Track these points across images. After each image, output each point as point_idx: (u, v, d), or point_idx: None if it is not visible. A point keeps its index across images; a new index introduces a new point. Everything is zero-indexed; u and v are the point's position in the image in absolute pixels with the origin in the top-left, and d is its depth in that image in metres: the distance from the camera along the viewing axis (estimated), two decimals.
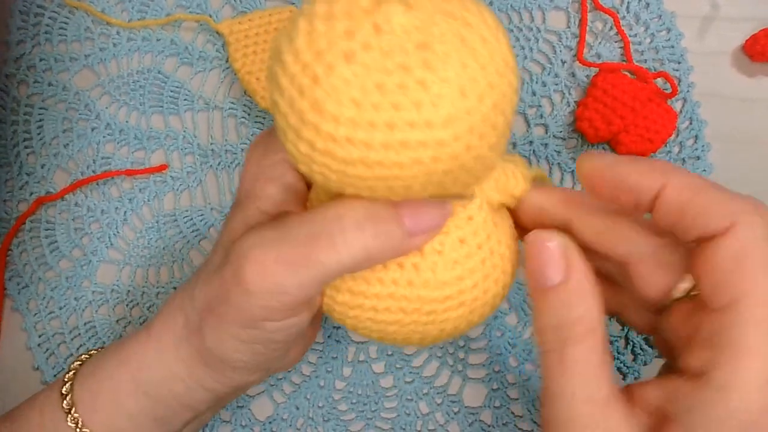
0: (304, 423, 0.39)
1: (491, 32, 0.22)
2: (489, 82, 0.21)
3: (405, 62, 0.20)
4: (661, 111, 0.40)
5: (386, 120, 0.20)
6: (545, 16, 0.43)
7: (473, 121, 0.21)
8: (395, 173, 0.21)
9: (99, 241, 0.41)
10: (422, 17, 0.20)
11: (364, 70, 0.20)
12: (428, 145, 0.21)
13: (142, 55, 0.43)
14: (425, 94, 0.20)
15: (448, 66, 0.20)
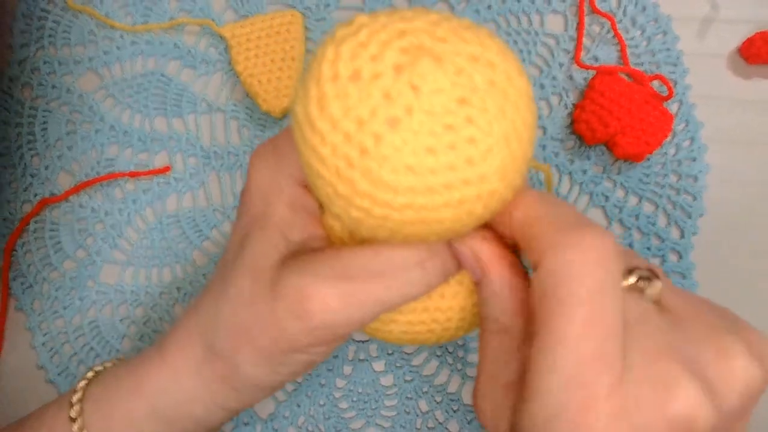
0: (305, 421, 0.40)
1: (511, 66, 0.22)
2: (523, 121, 0.21)
3: (450, 122, 0.20)
4: (658, 113, 0.40)
5: (443, 182, 0.20)
6: (543, 19, 0.44)
7: (518, 163, 0.22)
8: (447, 226, 0.22)
9: (103, 241, 0.42)
10: (452, 69, 0.20)
11: (413, 135, 0.20)
12: (482, 196, 0.21)
13: (146, 59, 0.44)
14: (476, 150, 0.20)
15: (489, 118, 0.20)
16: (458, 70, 0.20)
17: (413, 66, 0.20)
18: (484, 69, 0.21)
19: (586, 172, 0.42)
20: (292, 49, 0.42)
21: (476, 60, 0.21)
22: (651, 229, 0.41)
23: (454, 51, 0.21)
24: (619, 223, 0.41)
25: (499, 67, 0.21)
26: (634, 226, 0.41)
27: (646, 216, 0.41)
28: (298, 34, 0.43)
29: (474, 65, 0.21)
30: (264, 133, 0.43)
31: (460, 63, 0.20)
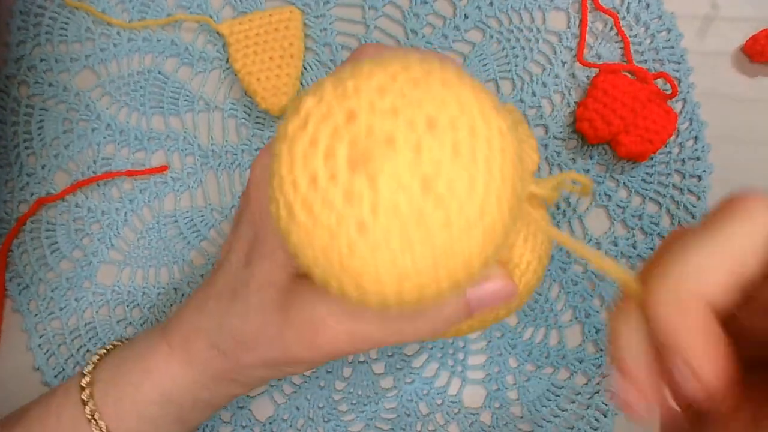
0: (305, 423, 0.39)
1: (475, 116, 0.20)
2: (501, 171, 0.20)
3: (418, 211, 0.19)
4: (661, 112, 0.40)
5: (428, 275, 0.20)
6: (545, 16, 0.43)
7: (507, 215, 0.20)
8: (445, 291, 0.21)
9: (99, 241, 0.41)
10: (408, 148, 0.19)
11: (383, 237, 0.19)
12: (472, 264, 0.20)
13: (143, 56, 0.43)
14: (452, 233, 0.19)
15: (460, 191, 0.19)
16: (415, 147, 0.19)
17: (366, 159, 0.19)
18: (443, 135, 0.19)
19: (588, 171, 0.42)
20: (291, 46, 0.42)
21: (434, 126, 0.19)
22: (654, 230, 0.41)
23: (407, 123, 0.19)
24: (622, 224, 0.41)
25: (460, 126, 0.19)
26: (638, 227, 0.41)
27: (650, 216, 0.41)
28: (296, 31, 0.42)
29: (432, 134, 0.19)
30: (263, 132, 0.42)
31: (415, 137, 0.19)
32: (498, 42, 0.43)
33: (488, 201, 0.19)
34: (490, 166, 0.19)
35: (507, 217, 0.20)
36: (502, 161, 0.20)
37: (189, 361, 0.30)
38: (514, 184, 0.20)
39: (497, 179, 0.19)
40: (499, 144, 0.20)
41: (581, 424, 0.39)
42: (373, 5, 0.43)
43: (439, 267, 0.20)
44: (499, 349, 0.40)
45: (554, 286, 0.40)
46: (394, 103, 0.19)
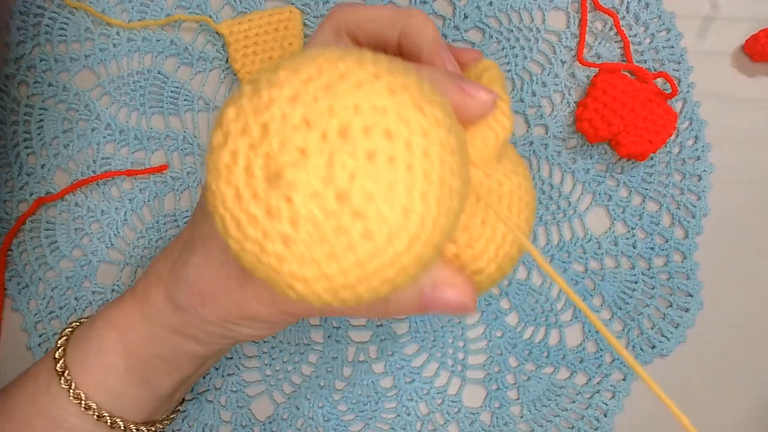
0: (304, 423, 0.39)
1: (390, 117, 0.19)
2: (425, 175, 0.19)
3: (336, 225, 0.19)
4: (661, 111, 0.40)
5: (357, 276, 0.20)
6: (545, 16, 0.43)
7: (439, 214, 0.20)
8: (387, 290, 0.21)
9: (99, 241, 0.41)
10: (321, 164, 0.19)
11: (306, 249, 0.19)
12: (408, 264, 0.20)
13: (142, 56, 0.43)
14: (375, 242, 0.19)
15: (377, 201, 0.19)
16: (327, 160, 0.19)
17: (279, 175, 0.19)
18: (356, 144, 0.19)
19: (588, 171, 0.41)
20: (291, 46, 0.42)
21: (346, 134, 0.19)
22: (654, 229, 0.41)
23: (319, 134, 0.19)
24: (622, 223, 0.41)
25: (374, 132, 0.19)
26: (638, 226, 0.41)
27: (650, 215, 0.41)
28: (296, 31, 0.42)
29: (345, 144, 0.19)
30: None
31: (327, 149, 0.19)
32: (498, 42, 0.43)
33: (411, 203, 0.19)
34: (410, 170, 0.19)
35: (438, 212, 0.20)
36: (425, 161, 0.19)
37: (148, 312, 0.30)
38: (444, 179, 0.20)
39: (419, 180, 0.19)
40: (420, 144, 0.19)
41: (581, 423, 0.39)
42: (373, 1, 0.43)
43: (368, 272, 0.20)
44: (499, 348, 0.40)
45: (554, 286, 0.40)
46: (306, 113, 0.19)
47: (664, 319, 0.40)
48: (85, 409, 0.30)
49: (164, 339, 0.30)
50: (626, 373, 0.40)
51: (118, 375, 0.31)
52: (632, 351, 0.40)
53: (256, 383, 0.40)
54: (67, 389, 0.30)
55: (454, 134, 0.21)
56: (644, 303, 0.40)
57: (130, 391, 0.31)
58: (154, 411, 0.33)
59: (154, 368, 0.31)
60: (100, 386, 0.31)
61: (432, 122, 0.20)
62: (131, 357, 0.30)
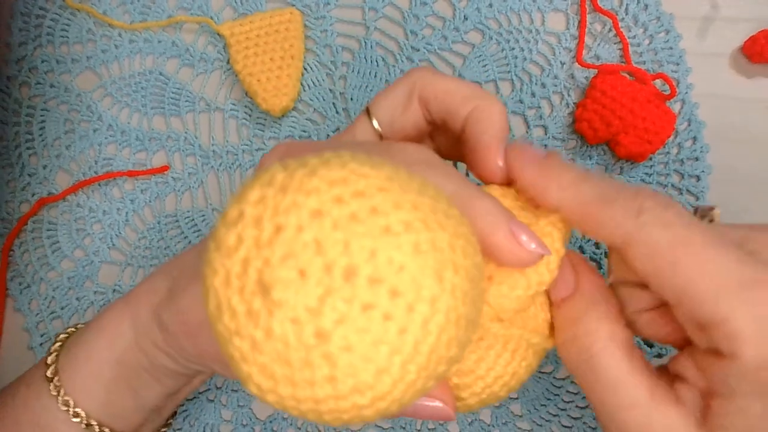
0: (305, 422, 0.40)
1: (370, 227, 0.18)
2: (404, 359, 0.18)
3: (307, 356, 0.18)
4: (660, 112, 0.40)
5: (302, 403, 0.19)
6: (544, 18, 0.43)
7: (404, 385, 0.19)
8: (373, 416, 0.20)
9: (101, 241, 0.41)
10: (314, 304, 0.18)
11: (272, 360, 0.18)
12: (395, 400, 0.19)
13: (144, 57, 0.44)
14: (334, 386, 0.18)
15: (355, 359, 0.18)
16: (322, 295, 0.18)
17: (270, 286, 0.18)
18: (356, 291, 0.18)
19: None
20: (292, 48, 0.42)
21: (351, 277, 0.18)
22: None
23: (325, 265, 0.18)
24: None
25: (379, 287, 0.18)
26: None
27: None
28: (297, 33, 0.43)
29: (346, 286, 0.18)
30: (263, 132, 0.43)
31: (326, 284, 0.18)
32: (497, 43, 0.43)
33: (388, 367, 0.18)
34: (401, 334, 0.18)
35: (415, 379, 0.19)
36: (420, 331, 0.18)
37: (136, 322, 0.30)
38: (435, 350, 0.19)
39: (407, 348, 0.18)
40: (422, 313, 0.18)
41: (579, 423, 0.39)
42: (373, 6, 0.44)
43: (320, 409, 0.19)
44: None
45: None
46: (320, 237, 0.18)
47: None
48: (73, 417, 0.30)
49: (147, 351, 0.30)
50: None
51: (106, 383, 0.30)
52: None
53: None
54: (56, 395, 0.30)
55: (468, 304, 0.19)
56: None
57: (117, 401, 0.31)
58: (142, 424, 0.32)
59: (138, 379, 0.31)
60: (88, 393, 0.30)
61: (446, 291, 0.18)
62: (118, 365, 0.30)
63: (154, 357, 0.30)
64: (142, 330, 0.30)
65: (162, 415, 0.33)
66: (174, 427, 0.40)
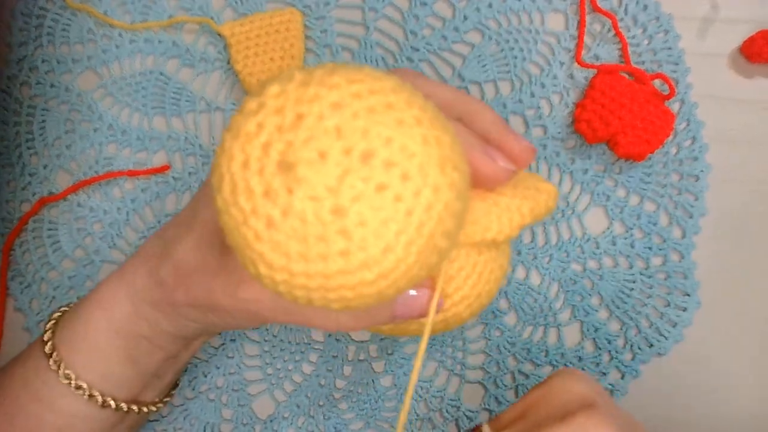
0: (305, 421, 0.40)
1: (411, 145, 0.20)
2: (407, 240, 0.20)
3: (324, 231, 0.19)
4: (659, 112, 0.40)
5: (313, 280, 0.20)
6: (544, 18, 0.44)
7: (405, 268, 0.20)
8: (365, 302, 0.21)
9: (101, 241, 0.42)
10: (333, 183, 0.19)
11: (287, 237, 0.20)
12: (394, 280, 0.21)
13: (145, 57, 0.44)
14: (347, 261, 0.20)
15: (368, 234, 0.19)
16: (341, 174, 0.19)
17: (292, 165, 0.19)
18: (372, 172, 0.19)
19: (587, 171, 0.42)
20: (292, 48, 0.42)
21: (368, 160, 0.19)
22: (652, 229, 0.41)
23: (344, 147, 0.19)
24: (620, 223, 0.41)
25: (394, 170, 0.20)
26: (636, 226, 0.41)
27: (648, 215, 0.41)
28: (297, 33, 0.43)
29: (363, 168, 0.19)
30: None
31: (345, 165, 0.19)
32: (497, 43, 0.43)
33: (394, 245, 0.20)
34: (408, 215, 0.20)
35: (414, 262, 0.20)
36: (424, 213, 0.20)
37: (132, 289, 0.31)
38: (433, 235, 0.20)
39: (411, 227, 0.20)
40: (427, 197, 0.20)
41: None
42: (373, 7, 0.44)
43: (328, 285, 0.20)
44: (498, 348, 0.40)
45: (553, 285, 0.41)
46: (341, 124, 0.19)
47: (662, 318, 0.40)
48: (75, 389, 0.31)
49: (145, 316, 0.30)
50: (624, 371, 0.40)
51: (105, 354, 0.31)
52: (630, 350, 0.40)
53: (257, 382, 0.40)
54: (56, 370, 0.31)
55: (461, 201, 0.21)
56: (642, 302, 0.41)
57: (118, 371, 0.31)
58: (143, 389, 0.33)
59: (137, 347, 0.31)
60: (88, 365, 0.31)
61: (446, 183, 0.20)
62: (116, 335, 0.31)
63: (154, 322, 0.30)
64: (141, 296, 0.30)
65: (164, 382, 0.34)
66: (175, 426, 0.40)
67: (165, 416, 0.40)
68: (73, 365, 0.31)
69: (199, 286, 0.28)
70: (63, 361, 0.31)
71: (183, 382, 0.40)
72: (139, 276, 0.30)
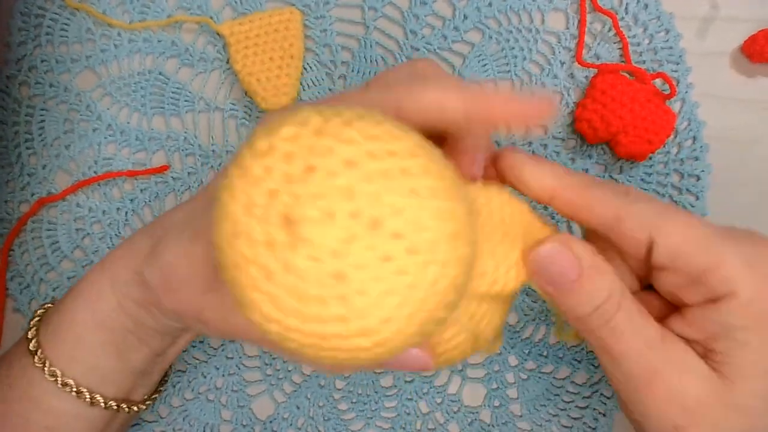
0: (305, 422, 0.40)
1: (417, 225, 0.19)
2: (409, 313, 0.19)
3: (322, 295, 0.19)
4: (660, 112, 0.40)
5: (306, 338, 0.20)
6: (544, 17, 0.43)
7: (403, 338, 0.20)
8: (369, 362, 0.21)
9: (100, 241, 0.41)
10: (336, 246, 0.19)
11: (284, 291, 0.19)
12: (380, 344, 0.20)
13: (143, 57, 0.43)
14: (344, 327, 0.19)
15: (367, 306, 0.19)
16: (345, 239, 0.19)
17: (297, 220, 0.19)
18: (379, 241, 0.19)
19: (587, 171, 0.42)
20: (291, 47, 0.42)
21: (376, 228, 0.19)
22: None
23: (352, 211, 0.19)
24: None
25: (401, 242, 0.19)
26: None
27: None
28: (296, 32, 0.42)
29: (370, 235, 0.19)
30: None
31: (351, 230, 0.19)
32: (497, 43, 0.43)
33: (395, 316, 0.19)
34: (411, 288, 0.19)
35: (414, 332, 0.20)
36: (429, 288, 0.19)
37: (115, 282, 0.30)
38: (437, 308, 0.20)
39: (415, 301, 0.19)
40: (434, 273, 0.19)
41: (579, 423, 0.40)
42: (373, 6, 0.44)
43: (322, 346, 0.20)
44: (499, 347, 0.40)
45: None
46: (352, 185, 0.19)
47: None
48: (62, 386, 0.30)
49: (129, 311, 0.30)
50: None
51: (90, 347, 0.30)
52: None
53: (256, 383, 0.40)
54: (42, 367, 0.30)
55: (467, 274, 0.21)
56: None
57: (103, 364, 0.31)
58: (132, 388, 0.32)
59: (123, 341, 0.31)
60: (73, 360, 0.30)
61: (455, 258, 0.20)
62: (101, 329, 0.30)
63: (137, 317, 0.30)
64: (124, 290, 0.30)
65: (151, 379, 0.33)
66: (174, 427, 0.40)
67: (164, 417, 0.40)
68: (58, 361, 0.30)
69: (188, 301, 0.28)
70: (48, 357, 0.30)
71: (182, 383, 0.40)
72: (123, 271, 0.30)
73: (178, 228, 0.29)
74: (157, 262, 0.28)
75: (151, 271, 0.29)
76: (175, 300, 0.28)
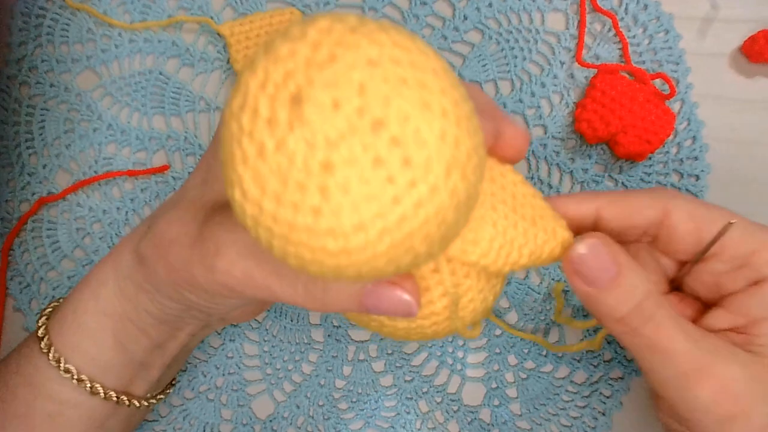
0: (305, 421, 0.40)
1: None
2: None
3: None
4: (659, 112, 0.40)
5: (318, 239, 0.19)
6: (544, 17, 0.43)
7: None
8: (381, 272, 0.20)
9: (101, 241, 0.41)
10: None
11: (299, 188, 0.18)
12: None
13: (144, 57, 0.44)
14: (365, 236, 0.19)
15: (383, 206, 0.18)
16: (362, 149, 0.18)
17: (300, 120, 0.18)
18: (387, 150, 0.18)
19: (587, 171, 0.42)
20: None
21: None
22: None
23: (356, 111, 0.18)
24: None
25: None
26: None
27: None
28: None
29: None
30: None
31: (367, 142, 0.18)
32: (497, 43, 0.43)
33: (367, 227, 0.18)
34: (393, 204, 0.18)
35: (382, 254, 0.19)
36: (409, 209, 0.19)
37: (118, 267, 0.30)
38: (412, 237, 0.19)
39: (391, 218, 0.18)
40: (419, 194, 0.19)
41: (578, 423, 0.40)
42: (373, 6, 0.44)
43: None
44: (498, 347, 0.40)
45: (553, 285, 0.41)
46: (367, 81, 0.18)
47: None
48: (64, 373, 0.30)
49: (129, 296, 0.30)
50: (625, 371, 0.40)
51: (93, 335, 0.31)
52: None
53: (256, 382, 0.40)
54: (47, 353, 0.31)
55: (457, 213, 0.20)
56: None
57: (105, 354, 0.31)
58: (131, 379, 0.33)
59: (124, 331, 0.31)
60: (77, 347, 0.31)
61: (447, 188, 0.19)
62: (104, 316, 0.31)
63: (137, 301, 0.30)
64: (125, 274, 0.30)
65: (152, 374, 0.33)
66: (174, 426, 0.40)
67: (164, 416, 0.40)
68: (62, 347, 0.31)
69: (177, 257, 0.28)
70: (53, 344, 0.31)
71: (182, 382, 0.40)
72: (125, 254, 0.30)
73: (171, 201, 0.30)
74: (149, 233, 0.29)
75: (145, 244, 0.29)
76: (168, 265, 0.28)
